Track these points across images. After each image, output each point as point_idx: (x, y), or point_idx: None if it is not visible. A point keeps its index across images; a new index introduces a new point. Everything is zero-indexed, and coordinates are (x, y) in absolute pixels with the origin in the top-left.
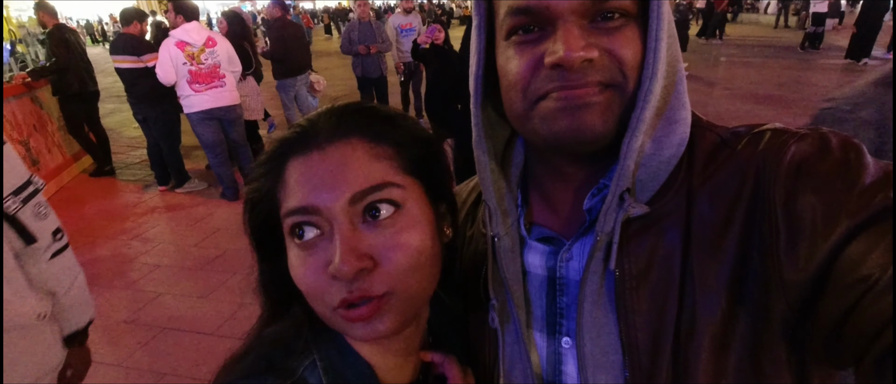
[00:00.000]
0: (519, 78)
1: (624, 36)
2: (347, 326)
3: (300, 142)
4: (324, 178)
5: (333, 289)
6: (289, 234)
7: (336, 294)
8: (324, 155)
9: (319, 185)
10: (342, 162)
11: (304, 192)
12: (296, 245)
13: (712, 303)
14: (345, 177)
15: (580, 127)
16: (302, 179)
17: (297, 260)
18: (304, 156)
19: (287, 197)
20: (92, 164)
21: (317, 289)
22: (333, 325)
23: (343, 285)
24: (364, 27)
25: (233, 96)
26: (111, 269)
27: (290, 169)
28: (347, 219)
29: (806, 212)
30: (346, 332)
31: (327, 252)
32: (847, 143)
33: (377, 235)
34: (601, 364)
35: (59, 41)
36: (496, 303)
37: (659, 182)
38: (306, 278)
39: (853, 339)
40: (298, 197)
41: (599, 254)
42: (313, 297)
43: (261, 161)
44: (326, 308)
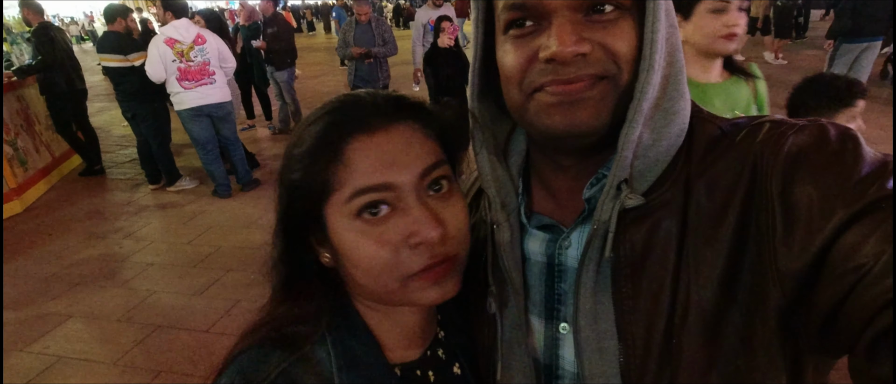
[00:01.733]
0: (515, 71)
1: (618, 29)
2: (423, 290)
3: (360, 123)
4: (395, 155)
5: (413, 258)
6: (353, 217)
7: (416, 262)
8: (389, 135)
9: (391, 162)
10: (408, 141)
11: (377, 170)
12: (365, 223)
13: (707, 291)
14: (414, 154)
15: (574, 121)
16: (372, 157)
17: (366, 238)
18: (369, 135)
19: (353, 177)
20: (81, 163)
21: (393, 261)
22: (397, 297)
23: (425, 251)
24: (363, 28)
25: (223, 93)
26: (104, 269)
27: (353, 148)
28: (418, 193)
29: (802, 202)
30: (416, 300)
31: (400, 226)
32: (844, 134)
33: (440, 206)
34: (597, 349)
35: (45, 39)
36: (495, 289)
37: (657, 172)
38: (381, 253)
39: (847, 327)
40: (371, 174)
41: (597, 241)
42: (388, 270)
43: (309, 146)
44: (399, 279)
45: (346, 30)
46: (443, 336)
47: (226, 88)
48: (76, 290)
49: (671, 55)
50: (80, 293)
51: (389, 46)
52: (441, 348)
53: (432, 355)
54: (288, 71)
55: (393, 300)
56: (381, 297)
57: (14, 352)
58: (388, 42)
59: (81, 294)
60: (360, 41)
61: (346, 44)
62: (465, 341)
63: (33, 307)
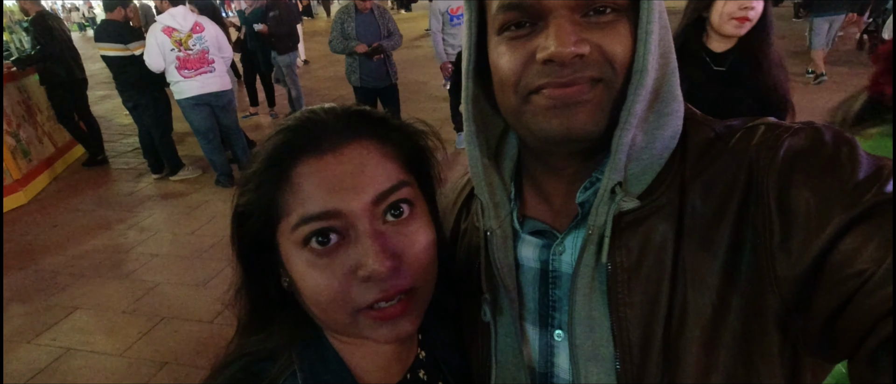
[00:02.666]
0: (511, 73)
1: (615, 31)
2: (373, 328)
3: (310, 143)
4: (343, 180)
5: (362, 291)
6: (300, 245)
7: (365, 296)
8: (340, 156)
9: (339, 187)
10: (360, 163)
11: (323, 196)
12: (312, 253)
13: (704, 297)
14: (365, 177)
15: (571, 125)
16: (319, 182)
17: (313, 269)
18: (317, 158)
19: (299, 203)
20: (84, 153)
21: (341, 294)
22: (350, 331)
23: (375, 285)
24: (365, 17)
25: (223, 82)
26: (108, 260)
27: (299, 173)
28: (370, 220)
29: (799, 207)
30: (368, 335)
31: (349, 257)
32: (840, 137)
33: (397, 234)
34: (593, 356)
35: (43, 29)
36: (488, 296)
37: (652, 175)
38: (330, 286)
39: (847, 333)
40: (317, 201)
41: (592, 247)
42: (336, 303)
43: (258, 168)
44: (348, 313)
45: (342, 19)
46: (424, 356)
47: (226, 77)
48: (82, 282)
49: (664, 57)
50: (86, 285)
51: (395, 38)
52: (422, 369)
53: (412, 378)
54: (290, 55)
55: (347, 333)
56: (336, 329)
57: (22, 344)
58: (394, 33)
59: (87, 285)
60: (363, 33)
61: (344, 36)
62: (453, 356)
63: (40, 299)
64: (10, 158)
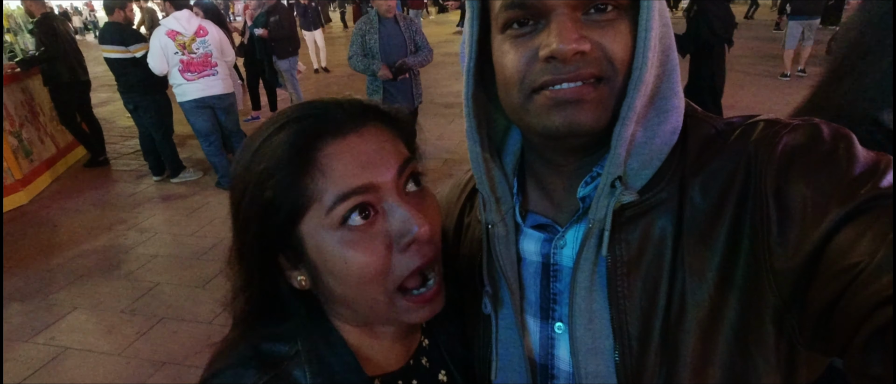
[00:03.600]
0: (514, 71)
1: (615, 29)
2: (411, 310)
3: (331, 126)
4: (371, 156)
5: (404, 261)
6: (338, 226)
7: (408, 264)
8: (362, 137)
9: (369, 162)
10: (380, 141)
11: (356, 173)
12: (350, 232)
13: (702, 290)
14: (388, 153)
15: (573, 121)
16: (350, 161)
17: (353, 247)
18: (342, 138)
19: (332, 183)
20: (86, 154)
21: (384, 268)
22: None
23: (416, 252)
24: (389, 28)
25: (226, 84)
26: (108, 260)
27: (327, 154)
28: (399, 192)
29: (796, 202)
30: (403, 318)
31: (389, 227)
32: (838, 133)
33: (420, 203)
34: (592, 348)
35: (48, 30)
36: (490, 289)
37: (652, 170)
38: (373, 260)
39: (841, 326)
40: (352, 178)
41: (592, 240)
42: (378, 279)
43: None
44: (388, 293)
45: (363, 31)
46: (427, 344)
47: (228, 80)
48: (81, 281)
49: (664, 54)
50: (85, 284)
51: (424, 53)
52: (425, 356)
53: (415, 364)
54: (289, 60)
55: (379, 316)
56: (366, 314)
57: (20, 342)
58: (423, 47)
59: (86, 285)
60: (388, 47)
61: (365, 52)
62: (456, 346)
63: (39, 298)
64: (12, 158)
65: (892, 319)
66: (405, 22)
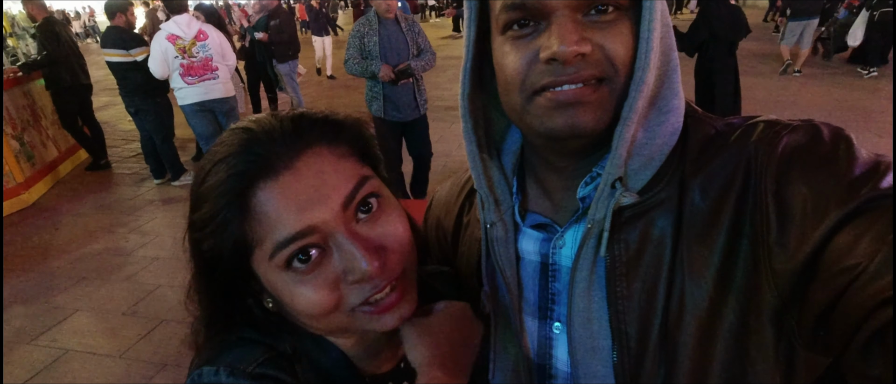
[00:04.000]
0: (515, 73)
1: (616, 30)
2: (375, 320)
3: (260, 166)
4: (308, 195)
5: (355, 293)
6: (284, 269)
7: (359, 296)
8: (295, 171)
9: (306, 203)
10: (319, 172)
11: (291, 218)
12: (297, 277)
13: (701, 291)
14: (328, 185)
15: (575, 124)
16: (283, 205)
17: (301, 286)
18: (273, 179)
19: (269, 231)
20: (87, 158)
21: (335, 302)
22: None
23: (367, 284)
24: (389, 30)
25: (226, 88)
26: (110, 263)
27: (260, 200)
28: (345, 225)
29: (796, 202)
30: (370, 328)
31: (335, 266)
32: (838, 134)
33: (373, 228)
34: (591, 349)
35: (49, 34)
36: (488, 288)
37: (652, 171)
38: (322, 298)
39: (841, 327)
40: (287, 223)
41: (591, 240)
42: (330, 312)
43: (211, 210)
44: (345, 315)
45: (361, 33)
46: None
47: (229, 83)
48: (83, 284)
49: (665, 54)
50: (87, 287)
51: (427, 56)
52: None
53: (406, 367)
54: (289, 63)
55: (347, 332)
56: (334, 334)
57: (22, 344)
58: (426, 51)
59: (88, 287)
60: (388, 50)
61: (363, 53)
62: None
63: (41, 300)
64: (14, 161)
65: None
66: (407, 23)
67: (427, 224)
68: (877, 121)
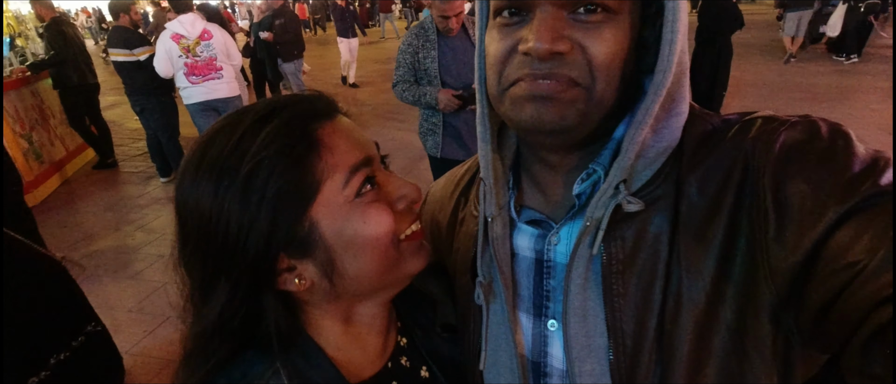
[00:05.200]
0: (496, 61)
1: (600, 33)
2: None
3: (321, 111)
4: (361, 134)
5: (403, 220)
6: (354, 196)
7: (407, 220)
8: (343, 120)
9: (362, 140)
10: (355, 125)
11: (357, 147)
12: (364, 199)
13: (697, 288)
14: (366, 135)
15: (541, 117)
16: (348, 137)
17: (371, 210)
18: (332, 120)
19: (340, 158)
20: (94, 156)
21: (394, 227)
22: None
23: (409, 214)
24: (452, 44)
25: (231, 88)
26: (116, 260)
27: (327, 133)
28: (382, 166)
29: (795, 199)
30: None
31: (386, 197)
32: (836, 130)
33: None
34: (586, 347)
35: (57, 34)
36: (483, 280)
37: (653, 171)
38: (389, 221)
39: (840, 324)
40: (356, 151)
41: (587, 238)
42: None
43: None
44: (396, 245)
45: (414, 46)
46: (405, 343)
47: (234, 83)
48: (89, 281)
49: (679, 56)
50: (94, 284)
51: None
52: (404, 356)
53: (394, 365)
54: (295, 63)
55: (389, 277)
56: (376, 282)
57: None
58: None
59: (95, 285)
60: (451, 69)
61: (417, 74)
62: (434, 340)
63: None
64: (22, 160)
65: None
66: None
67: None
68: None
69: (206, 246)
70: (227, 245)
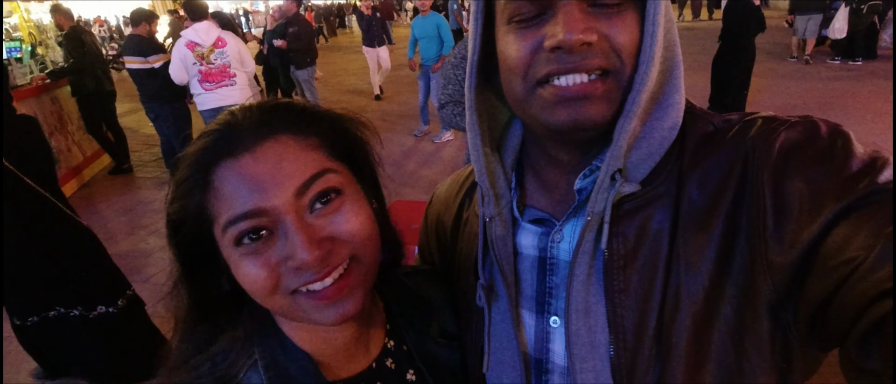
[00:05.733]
0: (519, 62)
1: (622, 21)
2: (316, 309)
3: (225, 146)
4: (263, 177)
5: (294, 278)
6: (234, 245)
7: (297, 281)
8: (254, 155)
9: (260, 185)
10: (277, 158)
11: (244, 197)
12: (244, 253)
13: (697, 284)
14: (284, 172)
15: (579, 118)
16: (239, 184)
17: (247, 266)
18: (234, 159)
19: (224, 207)
20: (110, 162)
21: (274, 281)
22: (295, 315)
23: (305, 272)
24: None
25: (243, 94)
26: (130, 264)
27: (219, 177)
28: (296, 213)
29: (793, 196)
30: (314, 318)
31: (280, 249)
32: (835, 130)
33: (329, 221)
34: (588, 342)
35: (76, 43)
36: (484, 282)
37: (650, 165)
38: (262, 275)
39: (837, 320)
40: (240, 202)
41: (590, 234)
42: (270, 291)
43: (181, 176)
44: (286, 296)
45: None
46: (392, 345)
47: (246, 90)
48: None
49: (669, 49)
50: None
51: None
52: (390, 358)
53: (379, 366)
54: (307, 70)
55: (295, 317)
56: (283, 315)
57: None
58: None
59: None
60: None
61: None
62: (427, 344)
63: None
64: None
65: (888, 314)
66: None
67: (427, 220)
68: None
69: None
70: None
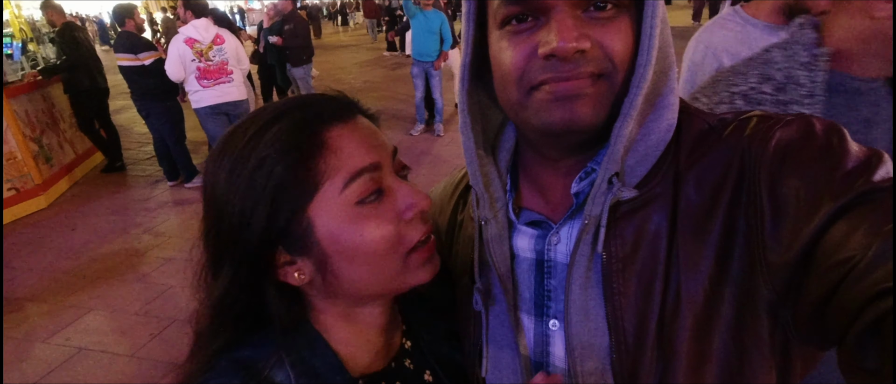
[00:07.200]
0: (513, 68)
1: (616, 27)
2: (420, 268)
3: (335, 112)
4: (372, 138)
5: (412, 230)
6: (353, 203)
7: (416, 232)
8: (359, 121)
9: (372, 144)
10: (372, 127)
11: (365, 151)
12: (366, 206)
13: (696, 286)
14: (382, 138)
15: (573, 117)
16: (357, 141)
17: (369, 221)
18: (344, 123)
19: (344, 161)
20: (103, 160)
21: (396, 238)
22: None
23: (419, 222)
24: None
25: (240, 92)
26: (123, 263)
27: (335, 136)
28: (395, 171)
29: (790, 196)
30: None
31: (392, 206)
32: (831, 128)
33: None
34: (588, 346)
35: (69, 40)
36: (480, 285)
37: (647, 166)
38: (386, 231)
39: (836, 319)
40: (362, 156)
41: (587, 237)
42: (391, 249)
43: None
44: (401, 257)
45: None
46: (409, 346)
47: (243, 87)
48: (97, 284)
49: (662, 51)
50: (101, 287)
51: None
52: (408, 358)
53: (397, 366)
54: (304, 68)
55: (388, 285)
56: (375, 288)
57: (36, 343)
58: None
59: (102, 287)
60: None
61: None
62: (440, 345)
63: (55, 300)
64: (32, 163)
65: (886, 313)
66: None
67: None
68: None
69: (216, 226)
70: (232, 229)
